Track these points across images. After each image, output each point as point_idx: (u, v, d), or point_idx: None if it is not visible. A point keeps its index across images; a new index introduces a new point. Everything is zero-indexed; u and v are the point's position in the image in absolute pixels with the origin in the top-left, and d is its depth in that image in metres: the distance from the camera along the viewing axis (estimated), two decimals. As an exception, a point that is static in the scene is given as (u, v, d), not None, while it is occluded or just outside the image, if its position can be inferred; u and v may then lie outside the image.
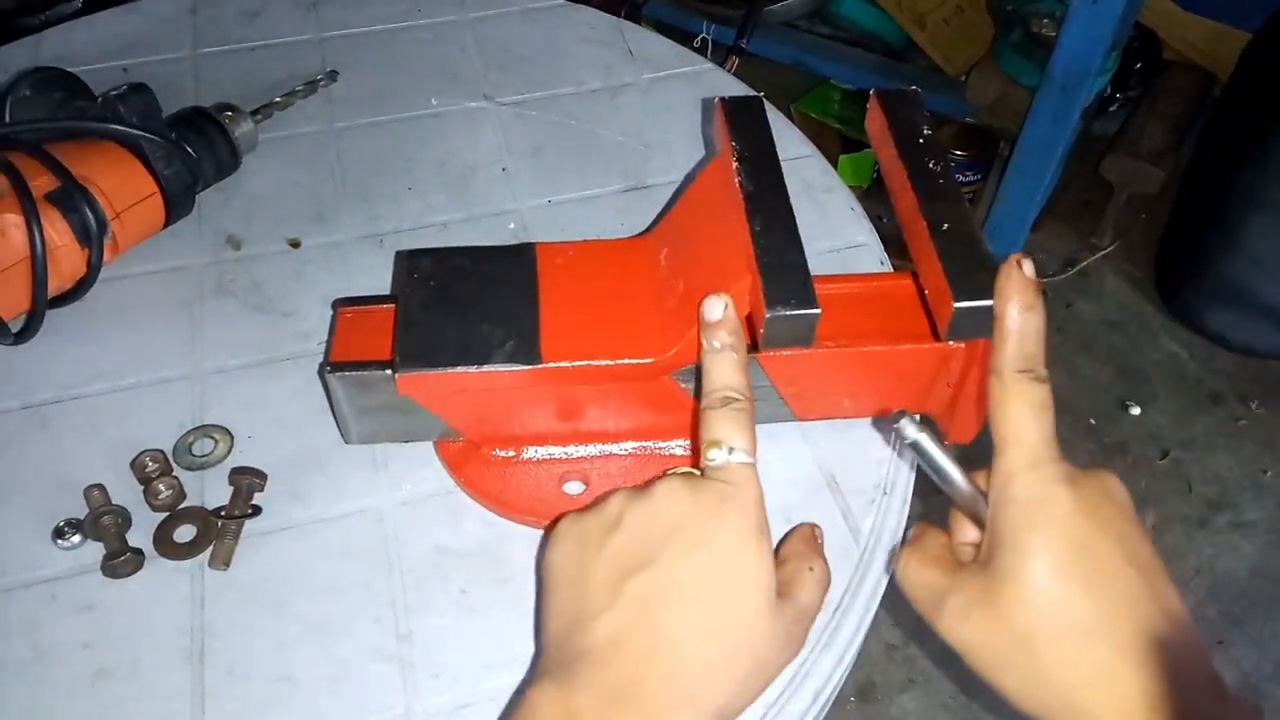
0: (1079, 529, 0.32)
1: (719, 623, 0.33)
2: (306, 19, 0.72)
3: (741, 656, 0.33)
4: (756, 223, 0.39)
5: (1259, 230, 1.32)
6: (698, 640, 0.33)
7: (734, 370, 0.37)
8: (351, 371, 0.41)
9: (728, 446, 0.35)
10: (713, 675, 0.33)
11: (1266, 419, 1.38)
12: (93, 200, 0.50)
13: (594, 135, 0.63)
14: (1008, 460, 0.34)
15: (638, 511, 0.35)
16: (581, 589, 0.34)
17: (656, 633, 0.33)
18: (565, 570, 0.35)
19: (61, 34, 0.70)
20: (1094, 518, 0.33)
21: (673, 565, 0.33)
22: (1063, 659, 0.32)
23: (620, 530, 0.35)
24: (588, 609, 0.34)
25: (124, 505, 0.44)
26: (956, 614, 0.34)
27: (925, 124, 0.42)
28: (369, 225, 0.58)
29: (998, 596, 0.33)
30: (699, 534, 0.34)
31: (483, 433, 0.45)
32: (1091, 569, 0.32)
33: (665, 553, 0.33)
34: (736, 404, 0.36)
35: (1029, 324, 0.34)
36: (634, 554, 0.34)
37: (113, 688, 0.40)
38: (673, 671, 0.32)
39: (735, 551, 0.34)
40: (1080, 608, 0.32)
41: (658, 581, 0.33)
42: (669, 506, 0.35)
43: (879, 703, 1.12)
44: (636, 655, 0.32)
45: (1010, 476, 0.33)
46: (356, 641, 0.41)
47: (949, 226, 0.38)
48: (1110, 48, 1.24)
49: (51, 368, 0.50)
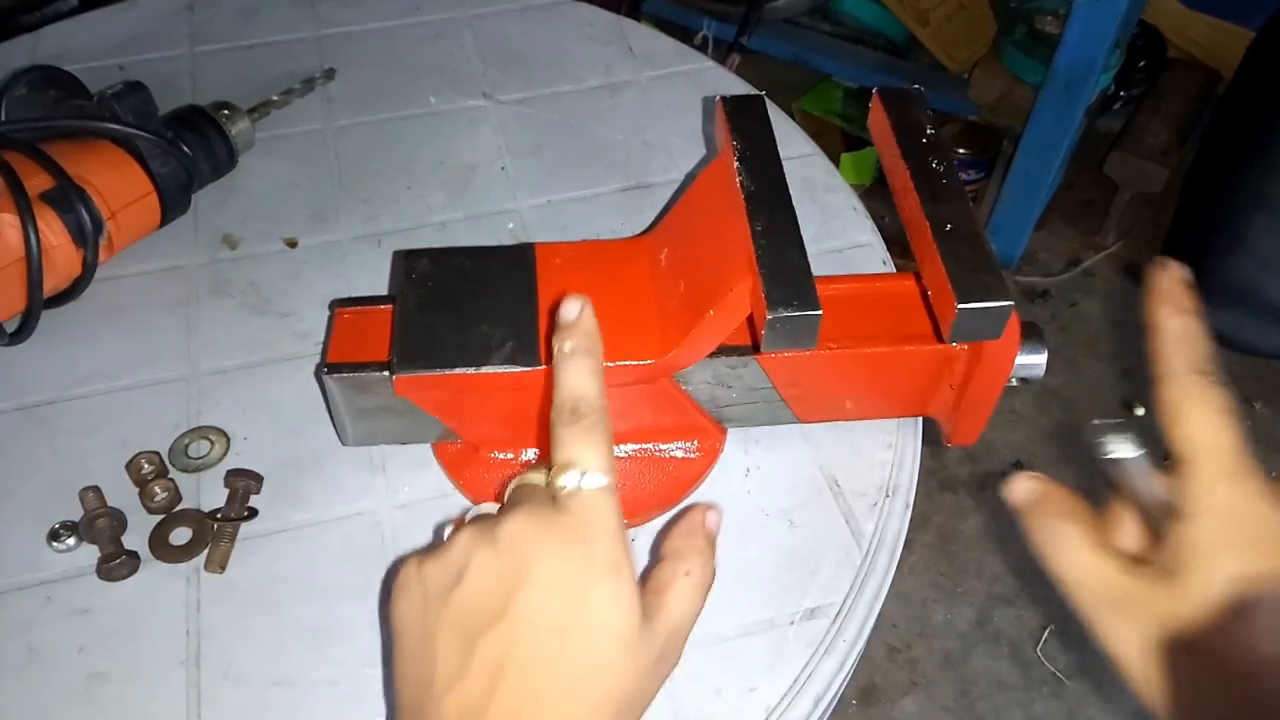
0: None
1: (578, 677, 0.30)
2: (304, 17, 0.71)
3: (607, 703, 0.31)
4: (758, 223, 0.38)
5: (1263, 229, 1.32)
6: (557, 703, 0.30)
7: (586, 378, 0.34)
8: (349, 373, 0.41)
9: (579, 470, 0.32)
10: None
11: (1271, 419, 1.38)
12: (88, 200, 0.49)
13: (594, 134, 0.63)
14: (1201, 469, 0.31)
15: (481, 559, 0.31)
16: (429, 655, 0.31)
17: (514, 698, 0.29)
18: (411, 631, 0.32)
19: (57, 32, 0.70)
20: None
21: (520, 622, 0.30)
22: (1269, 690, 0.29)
23: (464, 584, 0.31)
24: (436, 680, 0.30)
25: (119, 507, 0.44)
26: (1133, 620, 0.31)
27: (928, 123, 0.42)
28: (367, 225, 0.57)
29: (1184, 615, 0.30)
30: (548, 581, 0.30)
31: (481, 435, 0.45)
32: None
33: (514, 608, 0.30)
34: (587, 419, 0.33)
35: (1190, 326, 0.33)
36: (480, 610, 0.31)
37: (108, 691, 0.39)
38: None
39: (587, 595, 0.31)
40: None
41: (507, 639, 0.30)
42: (514, 550, 0.31)
43: (881, 705, 1.12)
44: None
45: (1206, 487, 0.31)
46: (354, 645, 0.41)
47: (952, 227, 0.38)
48: (1114, 45, 1.23)
49: (47, 368, 0.50)
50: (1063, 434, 1.33)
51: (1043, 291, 1.54)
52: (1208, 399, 0.32)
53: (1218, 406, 0.32)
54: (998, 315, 0.36)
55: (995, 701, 1.12)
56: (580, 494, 0.32)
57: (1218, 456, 0.31)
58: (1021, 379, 0.41)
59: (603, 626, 0.31)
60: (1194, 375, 0.32)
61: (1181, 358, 0.32)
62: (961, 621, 1.17)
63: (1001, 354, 0.39)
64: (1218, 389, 0.32)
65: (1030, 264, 1.56)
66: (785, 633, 0.41)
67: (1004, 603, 1.18)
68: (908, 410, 0.47)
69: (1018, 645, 1.15)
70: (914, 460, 0.47)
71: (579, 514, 0.32)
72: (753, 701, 0.39)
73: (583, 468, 0.32)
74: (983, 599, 1.18)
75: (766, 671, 0.40)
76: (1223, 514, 0.31)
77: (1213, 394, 0.32)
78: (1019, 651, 1.15)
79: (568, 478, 0.32)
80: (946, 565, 1.20)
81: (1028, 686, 1.12)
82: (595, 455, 0.32)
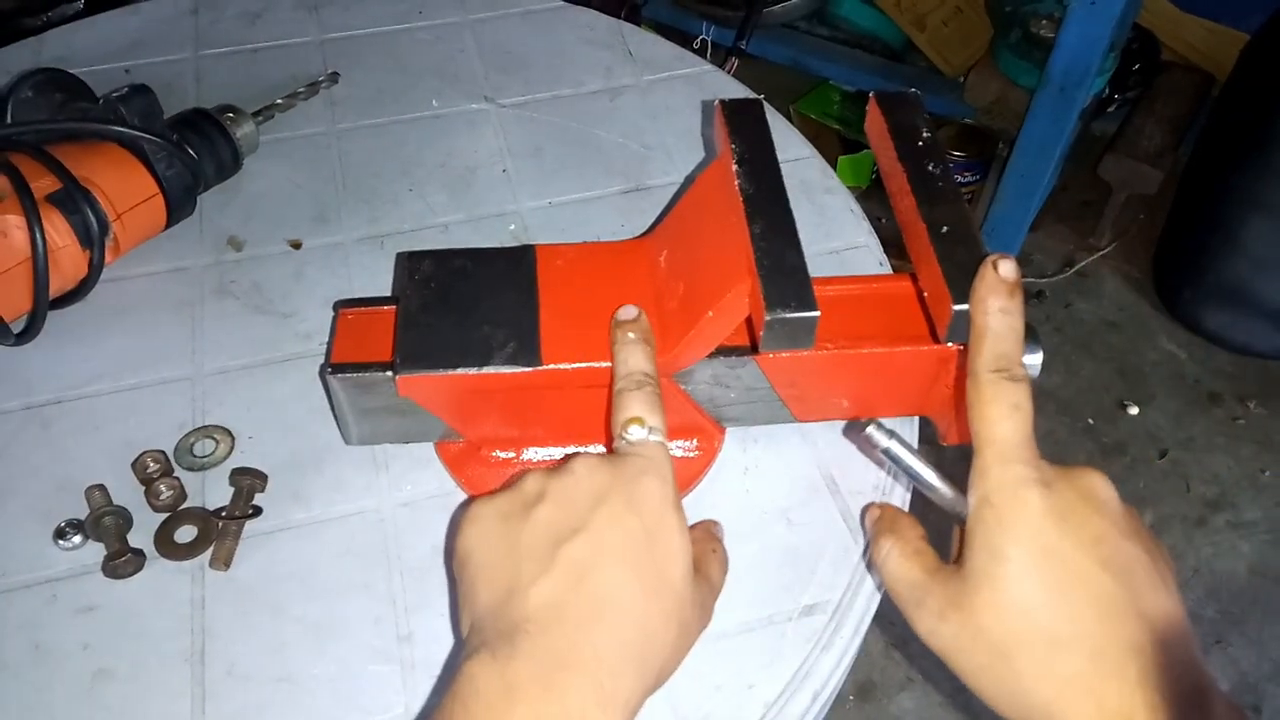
0: (1049, 533, 0.32)
1: (653, 586, 0.33)
2: (308, 20, 0.72)
3: (673, 619, 0.34)
4: (756, 225, 0.39)
5: (1257, 230, 1.33)
6: (636, 603, 0.33)
7: (645, 359, 0.39)
8: (352, 373, 0.41)
9: (647, 426, 0.37)
10: (651, 637, 0.33)
11: (1265, 419, 1.39)
12: (94, 201, 0.50)
13: (594, 137, 0.63)
14: (982, 460, 0.34)
15: (560, 484, 0.35)
16: (512, 560, 0.34)
17: (595, 597, 0.32)
18: (489, 546, 0.35)
19: (63, 35, 0.70)
20: (1066, 521, 0.32)
21: (604, 530, 0.33)
22: (1037, 669, 0.32)
23: (545, 502, 0.35)
24: (521, 579, 0.33)
25: (125, 506, 0.44)
26: (934, 616, 0.34)
27: (924, 126, 0.42)
28: (370, 226, 0.58)
29: (970, 601, 0.33)
30: (625, 501, 0.34)
31: (483, 434, 0.45)
32: (1061, 576, 0.32)
33: (595, 518, 0.34)
34: (648, 387, 0.38)
35: (1003, 324, 0.34)
36: (563, 522, 0.34)
37: (113, 688, 0.40)
38: (614, 635, 0.32)
39: (660, 518, 0.34)
40: (1051, 617, 0.32)
41: (591, 546, 0.33)
42: (590, 477, 0.35)
43: (878, 701, 1.12)
44: (577, 620, 0.32)
45: (983, 476, 0.33)
46: (357, 642, 0.41)
47: (948, 229, 0.38)
48: (1109, 48, 1.24)
49: (53, 368, 0.50)
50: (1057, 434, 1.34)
51: (1038, 293, 1.54)
52: (998, 396, 0.34)
53: (1007, 402, 0.33)
54: (992, 316, 0.36)
55: (992, 701, 1.12)
56: (648, 443, 0.36)
57: (993, 448, 0.33)
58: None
59: (674, 549, 0.34)
60: (990, 374, 0.34)
61: (983, 356, 0.34)
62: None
63: (996, 354, 0.39)
64: (1013, 385, 0.34)
65: (1025, 265, 1.57)
66: (783, 629, 0.41)
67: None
68: (904, 410, 0.47)
69: (1014, 645, 1.15)
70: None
71: (647, 456, 0.36)
72: (751, 698, 0.40)
73: (649, 424, 0.37)
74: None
75: (764, 668, 0.40)
76: (993, 502, 0.33)
77: (1005, 391, 0.34)
78: (1015, 651, 1.15)
79: (637, 429, 0.37)
80: (943, 565, 1.21)
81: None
82: (656, 416, 0.37)
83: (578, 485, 0.35)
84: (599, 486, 0.35)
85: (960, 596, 0.33)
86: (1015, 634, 0.32)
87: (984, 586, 0.33)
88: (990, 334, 0.34)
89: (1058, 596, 0.32)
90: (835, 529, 0.45)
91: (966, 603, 0.33)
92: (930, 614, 0.34)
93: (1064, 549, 0.32)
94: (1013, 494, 0.33)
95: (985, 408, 0.34)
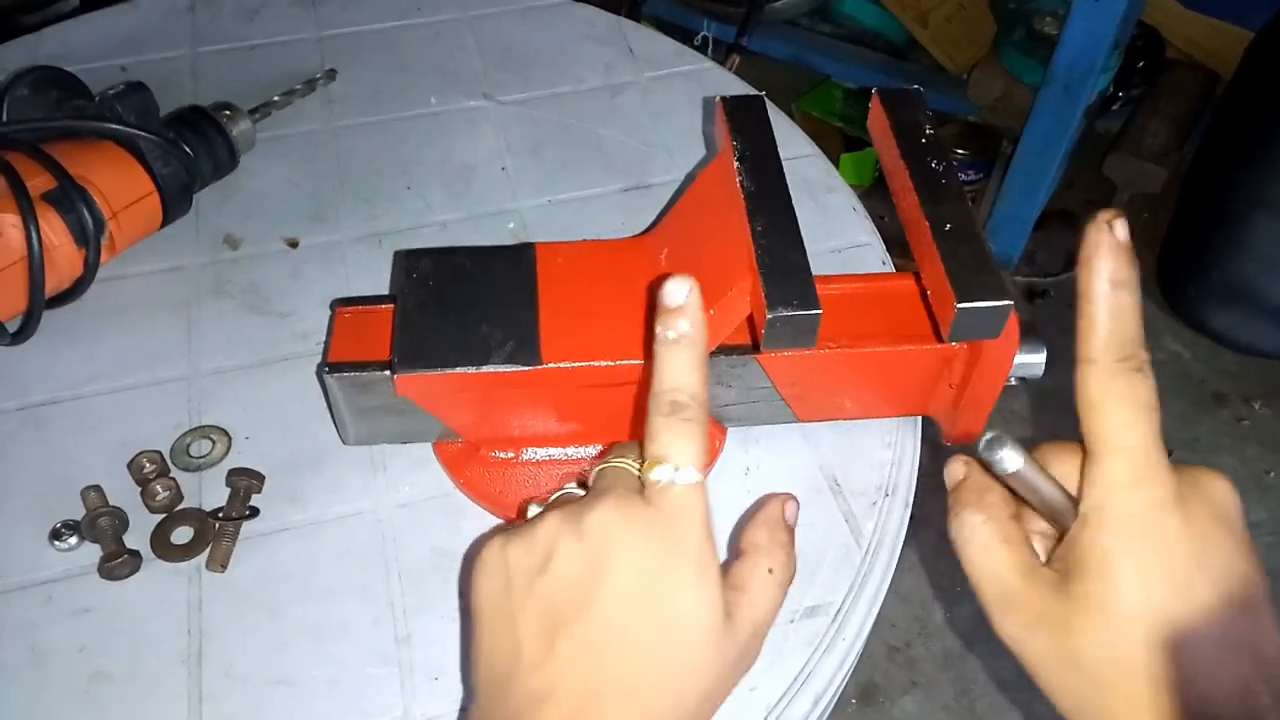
0: (1181, 569, 0.28)
1: (660, 675, 0.30)
2: (305, 17, 0.71)
3: (687, 700, 0.31)
4: (758, 223, 0.38)
5: (1262, 229, 1.32)
6: (637, 695, 0.30)
7: (690, 369, 0.32)
8: (350, 372, 0.41)
9: (673, 465, 0.31)
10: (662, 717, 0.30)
11: (1270, 419, 1.38)
12: (90, 200, 0.49)
13: (594, 134, 0.63)
14: (1107, 471, 0.29)
15: (568, 548, 0.31)
16: (511, 637, 0.31)
17: (591, 691, 0.29)
18: (494, 608, 0.32)
19: (59, 32, 0.70)
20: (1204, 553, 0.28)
21: (607, 615, 0.30)
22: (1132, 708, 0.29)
23: (549, 573, 0.31)
24: (520, 662, 0.30)
25: (121, 506, 0.44)
26: (1026, 626, 0.31)
27: (928, 123, 0.42)
28: (368, 225, 0.57)
29: (1074, 624, 0.29)
30: (634, 576, 0.30)
31: (482, 434, 0.45)
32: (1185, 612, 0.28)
33: (598, 600, 0.30)
34: (686, 411, 0.32)
35: (1125, 301, 0.29)
36: (566, 601, 0.30)
37: (110, 690, 0.39)
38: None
39: (674, 593, 0.30)
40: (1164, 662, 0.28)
41: (592, 634, 0.30)
42: (603, 543, 0.30)
43: (880, 705, 1.12)
44: (569, 712, 0.29)
45: (1110, 491, 0.29)
46: (355, 644, 0.41)
47: (951, 227, 0.38)
48: (1113, 46, 1.23)
49: (49, 368, 0.50)
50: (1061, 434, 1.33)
51: (1042, 291, 1.54)
52: (1126, 393, 0.29)
53: (1137, 401, 0.29)
54: (997, 315, 0.36)
55: (995, 701, 1.12)
56: (672, 489, 0.31)
57: (1126, 458, 0.29)
58: (1020, 378, 0.41)
59: (687, 625, 0.30)
60: (1115, 364, 0.29)
61: (1105, 340, 0.29)
62: (961, 620, 1.17)
63: (1000, 353, 0.39)
64: (1141, 379, 0.29)
65: (1029, 264, 1.56)
66: (785, 631, 0.41)
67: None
68: (907, 409, 0.47)
69: (1017, 645, 1.15)
70: (913, 459, 0.47)
71: (668, 510, 0.31)
72: (752, 701, 0.39)
73: (676, 463, 0.31)
74: (982, 599, 1.19)
75: (766, 670, 0.40)
76: (1121, 522, 0.29)
77: (1133, 386, 0.29)
78: (1018, 651, 1.15)
79: (661, 471, 0.31)
80: (946, 564, 1.21)
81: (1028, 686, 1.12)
82: (690, 451, 0.31)
83: (586, 553, 0.31)
84: (609, 555, 0.30)
85: (1061, 616, 0.30)
86: (1118, 668, 0.29)
87: (1094, 613, 0.29)
88: (1113, 313, 0.28)
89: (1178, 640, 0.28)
90: (838, 530, 0.44)
91: (1067, 624, 0.29)
92: (1018, 623, 0.31)
93: (1195, 586, 0.28)
94: (1143, 519, 0.28)
95: (1110, 407, 0.29)
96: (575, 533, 0.31)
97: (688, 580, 0.30)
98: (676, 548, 0.31)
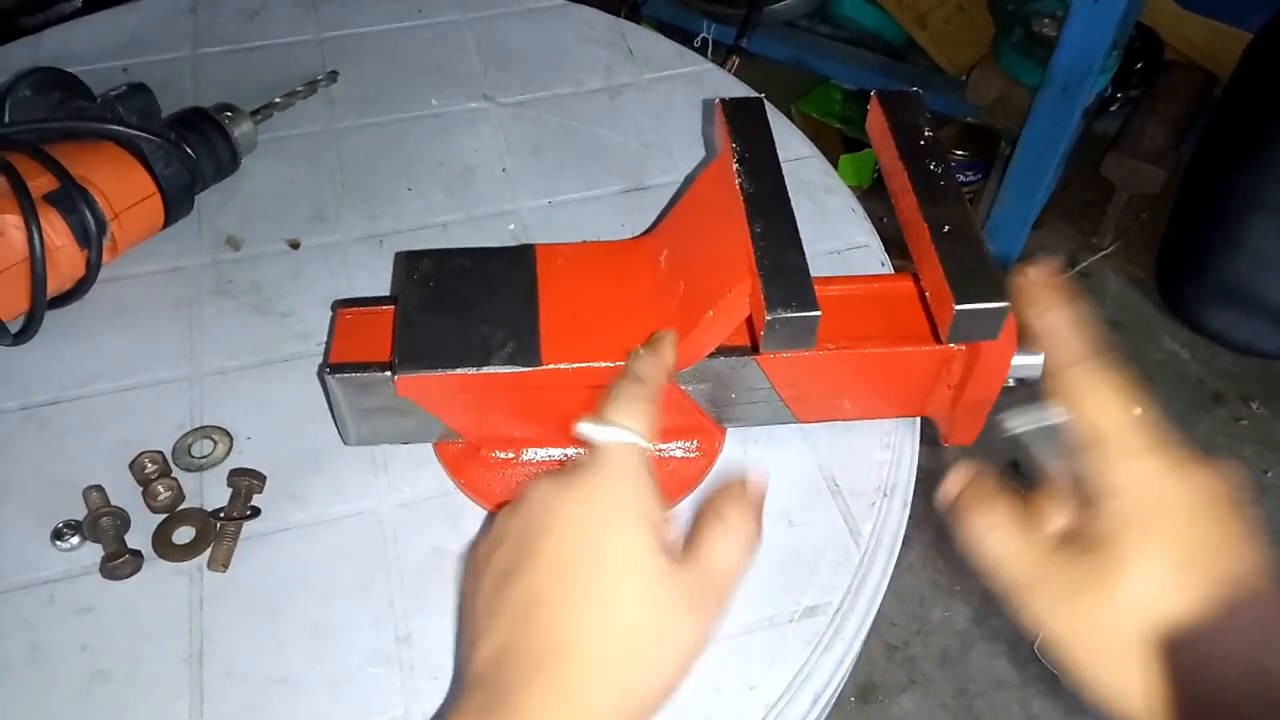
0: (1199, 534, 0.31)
1: (598, 615, 0.31)
2: (306, 19, 0.71)
3: (637, 640, 0.31)
4: (757, 224, 0.39)
5: (1260, 230, 1.32)
6: (579, 638, 0.31)
7: (654, 369, 0.38)
8: (351, 373, 0.41)
9: (616, 425, 0.34)
10: (604, 670, 0.31)
11: (1268, 419, 1.38)
12: (92, 201, 0.49)
13: (594, 136, 0.63)
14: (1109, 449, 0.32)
15: (514, 525, 0.34)
16: (472, 613, 0.33)
17: (535, 639, 0.31)
18: (467, 596, 0.34)
19: (61, 34, 0.70)
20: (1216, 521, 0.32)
21: (540, 565, 0.32)
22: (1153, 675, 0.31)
23: (500, 545, 0.33)
24: (477, 632, 0.32)
25: (123, 506, 0.44)
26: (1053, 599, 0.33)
27: (926, 125, 0.42)
28: (369, 226, 0.58)
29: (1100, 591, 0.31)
30: (565, 528, 0.32)
31: (482, 434, 0.45)
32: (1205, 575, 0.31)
33: (534, 554, 0.32)
34: (639, 386, 0.36)
35: (1056, 321, 0.35)
36: (510, 565, 0.33)
37: (111, 689, 0.39)
38: (556, 676, 0.30)
39: (602, 536, 0.32)
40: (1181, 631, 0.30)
41: (529, 585, 0.32)
42: (542, 507, 0.33)
43: (879, 703, 1.12)
44: (517, 665, 0.31)
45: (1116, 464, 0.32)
46: (355, 643, 0.41)
47: (950, 228, 0.38)
48: (1111, 47, 1.24)
49: (50, 369, 0.50)
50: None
51: (1041, 292, 1.54)
52: (1096, 385, 0.33)
53: (1107, 389, 0.33)
54: (995, 316, 0.36)
55: (993, 699, 1.12)
56: (610, 446, 0.33)
57: (1118, 436, 0.33)
58: (1019, 379, 0.41)
59: (620, 562, 0.32)
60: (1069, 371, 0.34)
61: (1063, 352, 0.34)
62: (959, 619, 1.18)
63: (999, 354, 0.39)
64: (1103, 371, 0.33)
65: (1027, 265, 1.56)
66: (784, 631, 0.41)
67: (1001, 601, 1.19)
68: (906, 410, 0.47)
69: (1015, 643, 1.15)
70: (912, 460, 0.48)
71: (601, 466, 0.33)
72: (752, 700, 0.39)
73: (619, 423, 0.34)
74: (980, 597, 1.19)
75: (766, 669, 0.40)
76: (1131, 489, 0.32)
77: (1099, 379, 0.33)
78: (1016, 650, 1.15)
79: (600, 430, 0.34)
80: (944, 564, 1.21)
81: (1025, 684, 1.13)
82: (634, 415, 0.34)
83: (528, 518, 0.33)
84: (543, 515, 0.33)
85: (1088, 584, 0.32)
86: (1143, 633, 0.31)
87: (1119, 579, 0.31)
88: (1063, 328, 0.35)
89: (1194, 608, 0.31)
90: (836, 530, 0.44)
91: (1095, 592, 0.32)
92: (1048, 596, 0.33)
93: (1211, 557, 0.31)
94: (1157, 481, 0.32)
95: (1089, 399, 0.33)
96: (518, 508, 0.34)
97: (616, 523, 0.32)
98: (606, 499, 0.33)
